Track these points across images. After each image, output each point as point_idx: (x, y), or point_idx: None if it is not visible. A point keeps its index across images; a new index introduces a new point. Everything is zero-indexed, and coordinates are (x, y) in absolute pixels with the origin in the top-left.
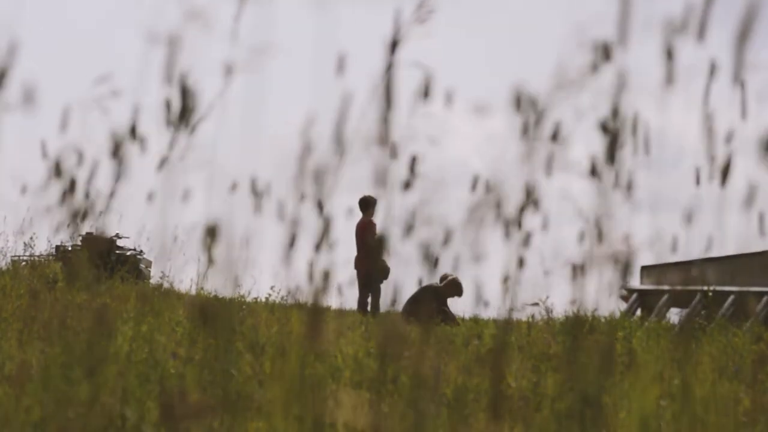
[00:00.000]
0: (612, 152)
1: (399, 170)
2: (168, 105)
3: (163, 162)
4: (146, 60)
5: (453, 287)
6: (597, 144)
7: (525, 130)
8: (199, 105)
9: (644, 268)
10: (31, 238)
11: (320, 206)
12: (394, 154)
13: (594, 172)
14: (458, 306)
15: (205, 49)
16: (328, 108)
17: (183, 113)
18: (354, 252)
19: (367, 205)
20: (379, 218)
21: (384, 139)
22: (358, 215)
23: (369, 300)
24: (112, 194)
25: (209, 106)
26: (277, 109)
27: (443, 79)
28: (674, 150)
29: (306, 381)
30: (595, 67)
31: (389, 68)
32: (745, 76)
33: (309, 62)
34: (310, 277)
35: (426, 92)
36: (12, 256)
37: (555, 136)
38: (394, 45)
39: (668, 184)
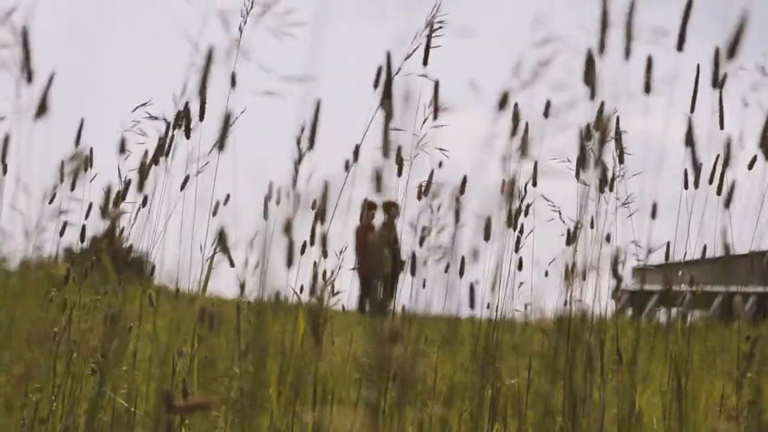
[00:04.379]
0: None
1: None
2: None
3: (185, 181)
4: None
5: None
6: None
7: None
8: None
9: (635, 269)
10: (40, 240)
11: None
12: (399, 164)
13: (579, 174)
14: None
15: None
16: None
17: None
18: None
19: (370, 209)
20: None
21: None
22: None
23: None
24: (144, 202)
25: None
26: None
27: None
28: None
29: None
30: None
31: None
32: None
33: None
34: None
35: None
36: (21, 258)
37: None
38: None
39: (652, 187)
